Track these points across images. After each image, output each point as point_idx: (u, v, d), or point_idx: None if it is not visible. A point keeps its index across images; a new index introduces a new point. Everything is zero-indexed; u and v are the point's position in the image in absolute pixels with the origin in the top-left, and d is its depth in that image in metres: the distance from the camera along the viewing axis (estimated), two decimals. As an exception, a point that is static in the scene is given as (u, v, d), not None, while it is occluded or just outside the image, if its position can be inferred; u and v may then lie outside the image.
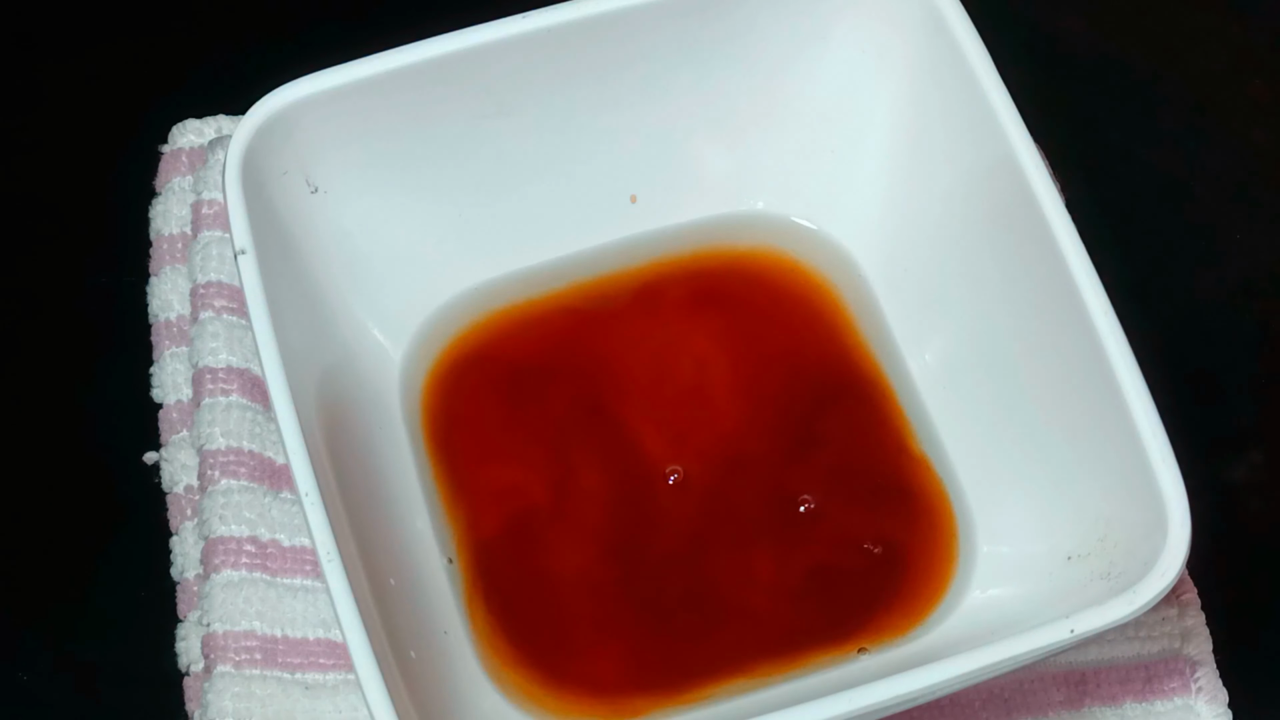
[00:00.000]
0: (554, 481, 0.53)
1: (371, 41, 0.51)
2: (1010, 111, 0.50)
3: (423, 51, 0.50)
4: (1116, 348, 0.47)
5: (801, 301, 0.56)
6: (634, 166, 0.55)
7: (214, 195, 0.57)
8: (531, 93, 0.53)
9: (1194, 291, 0.61)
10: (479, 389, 0.55)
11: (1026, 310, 0.50)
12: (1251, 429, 0.59)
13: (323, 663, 0.52)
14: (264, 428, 0.54)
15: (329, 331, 0.52)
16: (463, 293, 0.55)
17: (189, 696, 0.52)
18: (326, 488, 0.46)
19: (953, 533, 0.53)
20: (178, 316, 0.57)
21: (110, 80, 0.62)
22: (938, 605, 0.52)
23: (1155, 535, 0.45)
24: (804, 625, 0.52)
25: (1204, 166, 0.63)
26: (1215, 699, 0.53)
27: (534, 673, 0.51)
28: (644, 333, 0.56)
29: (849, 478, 0.54)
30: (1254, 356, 0.60)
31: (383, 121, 0.51)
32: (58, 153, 0.61)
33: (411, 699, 0.45)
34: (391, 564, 0.50)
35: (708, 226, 0.57)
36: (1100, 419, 0.47)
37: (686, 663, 0.51)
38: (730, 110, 0.55)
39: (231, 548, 0.53)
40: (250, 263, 0.47)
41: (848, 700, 0.43)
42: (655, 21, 0.52)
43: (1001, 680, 0.53)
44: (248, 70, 0.53)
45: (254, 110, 0.49)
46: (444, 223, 0.55)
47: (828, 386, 0.55)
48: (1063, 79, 0.64)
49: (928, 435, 0.54)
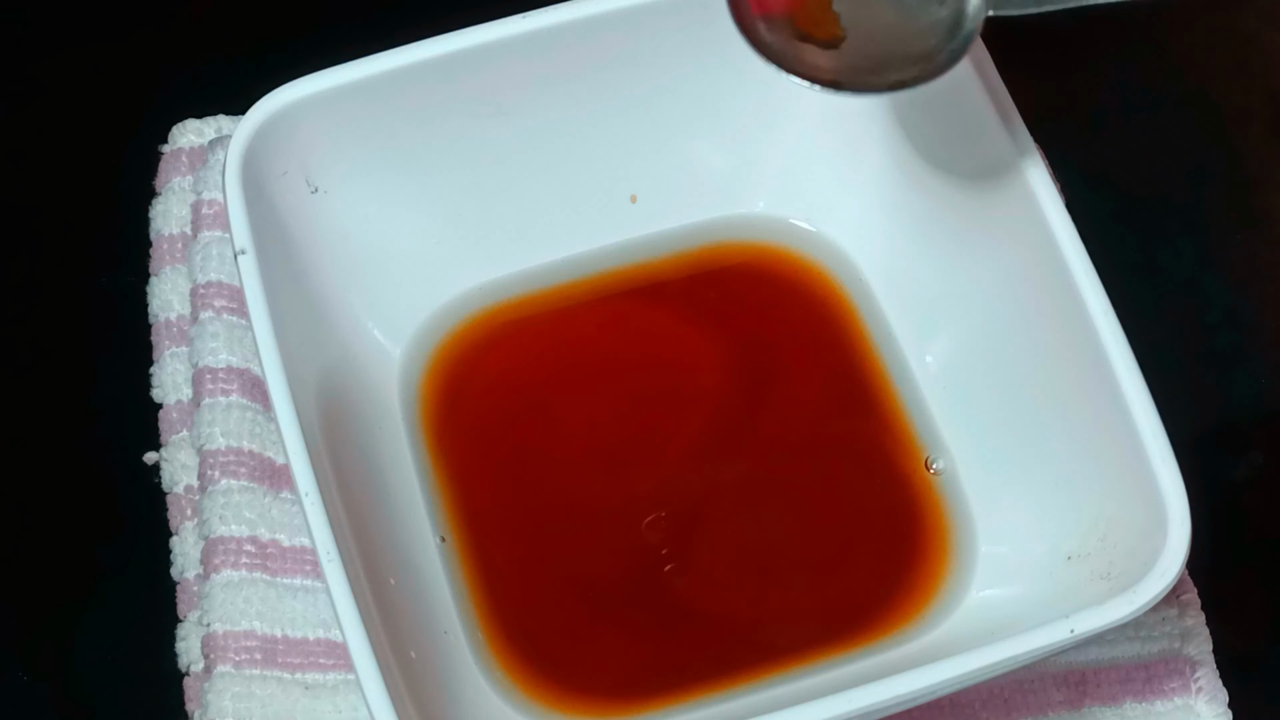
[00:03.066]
0: (554, 481, 0.54)
1: (371, 41, 0.51)
2: (1010, 111, 0.50)
3: (423, 51, 0.50)
4: (1116, 348, 0.47)
5: (802, 303, 0.56)
6: (634, 166, 0.55)
7: (214, 195, 0.57)
8: (531, 93, 0.53)
9: (1194, 292, 0.61)
10: (479, 389, 0.55)
11: (1026, 311, 0.50)
12: (1251, 429, 0.59)
13: (323, 663, 0.52)
14: (264, 428, 0.54)
15: (329, 331, 0.52)
16: (463, 293, 0.55)
17: (189, 696, 0.52)
18: (326, 488, 0.46)
19: (953, 533, 0.53)
20: (178, 316, 0.57)
21: (110, 80, 0.62)
22: (937, 605, 0.52)
23: (1155, 535, 0.45)
24: (804, 625, 0.52)
25: (1204, 166, 0.63)
26: (1215, 699, 0.53)
27: (534, 672, 0.51)
28: (643, 333, 0.56)
29: (849, 478, 0.54)
30: (1254, 357, 0.60)
31: (383, 121, 0.51)
32: (58, 152, 0.61)
33: (411, 699, 0.45)
34: (391, 564, 0.50)
35: (707, 227, 0.57)
36: (1100, 419, 0.47)
37: (686, 662, 0.51)
38: (730, 110, 0.55)
39: (231, 548, 0.53)
40: (250, 263, 0.48)
41: (847, 700, 0.43)
42: (655, 21, 0.52)
43: (1001, 680, 0.53)
44: (248, 70, 0.53)
45: (254, 110, 0.49)
46: (444, 223, 0.55)
47: (828, 387, 0.55)
48: (1063, 78, 0.64)
49: (928, 435, 0.54)
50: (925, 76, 0.45)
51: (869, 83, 0.45)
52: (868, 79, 0.45)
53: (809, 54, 0.45)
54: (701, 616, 0.52)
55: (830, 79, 0.44)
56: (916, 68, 0.45)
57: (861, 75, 0.45)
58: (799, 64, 0.45)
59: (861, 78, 0.45)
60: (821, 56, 0.45)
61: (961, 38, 0.45)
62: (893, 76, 0.45)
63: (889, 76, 0.45)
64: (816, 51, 0.45)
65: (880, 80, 0.45)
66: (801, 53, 0.45)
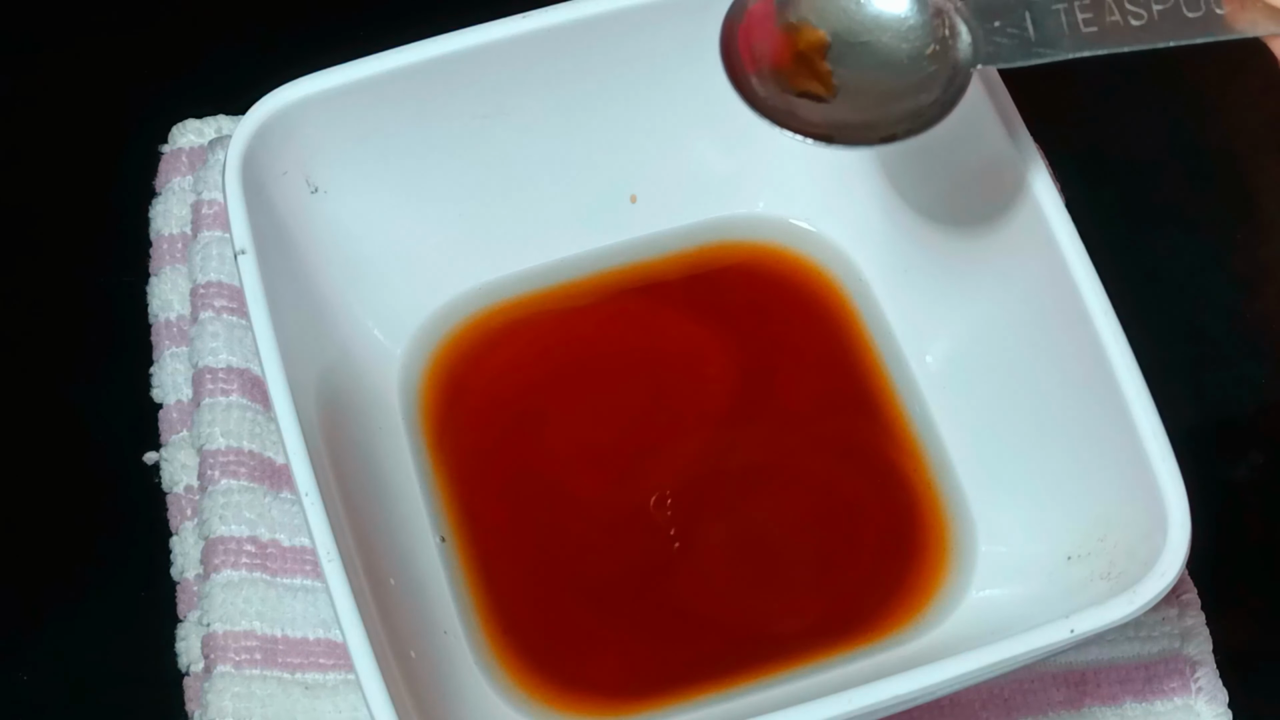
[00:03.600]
0: (554, 481, 0.54)
1: (371, 41, 0.51)
2: (1010, 111, 0.50)
3: (423, 51, 0.50)
4: (1116, 348, 0.47)
5: (801, 303, 0.56)
6: (634, 166, 0.55)
7: (214, 195, 0.57)
8: (531, 93, 0.53)
9: (1194, 292, 0.61)
10: (479, 389, 0.55)
11: (1026, 311, 0.50)
12: (1251, 429, 0.59)
13: (323, 663, 0.52)
14: (264, 428, 0.54)
15: (329, 331, 0.52)
16: (463, 293, 0.55)
17: (189, 696, 0.52)
18: (326, 488, 0.46)
19: (953, 533, 0.53)
20: (178, 316, 0.57)
21: (110, 80, 0.62)
22: (937, 605, 0.52)
23: (1155, 535, 0.45)
24: (804, 625, 0.52)
25: (1204, 166, 0.63)
26: (1215, 699, 0.53)
27: (534, 672, 0.51)
28: (643, 333, 0.56)
29: (850, 478, 0.54)
30: (1254, 357, 0.60)
31: (383, 122, 0.51)
32: (58, 152, 0.61)
33: (411, 699, 0.45)
34: (391, 564, 0.50)
35: (707, 227, 0.57)
36: (1100, 419, 0.47)
37: (686, 662, 0.51)
38: (730, 110, 0.55)
39: (231, 548, 0.53)
40: (250, 263, 0.48)
41: (847, 700, 0.43)
42: (655, 21, 0.52)
43: (1001, 680, 0.53)
44: (248, 70, 0.53)
45: (254, 110, 0.49)
46: (444, 223, 0.55)
47: (828, 387, 0.55)
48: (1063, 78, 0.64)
49: (928, 435, 0.54)
50: (916, 130, 0.46)
51: (860, 137, 0.46)
52: (859, 133, 0.46)
53: (801, 109, 0.46)
54: (701, 616, 0.52)
55: (823, 134, 0.46)
56: (907, 121, 0.46)
57: (853, 130, 0.46)
58: (792, 118, 0.46)
59: (853, 132, 0.46)
60: (814, 111, 0.46)
61: (952, 92, 0.46)
62: (884, 130, 0.46)
63: (880, 131, 0.46)
64: (809, 106, 0.46)
65: (871, 134, 0.46)
66: (794, 107, 0.46)
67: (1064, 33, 0.45)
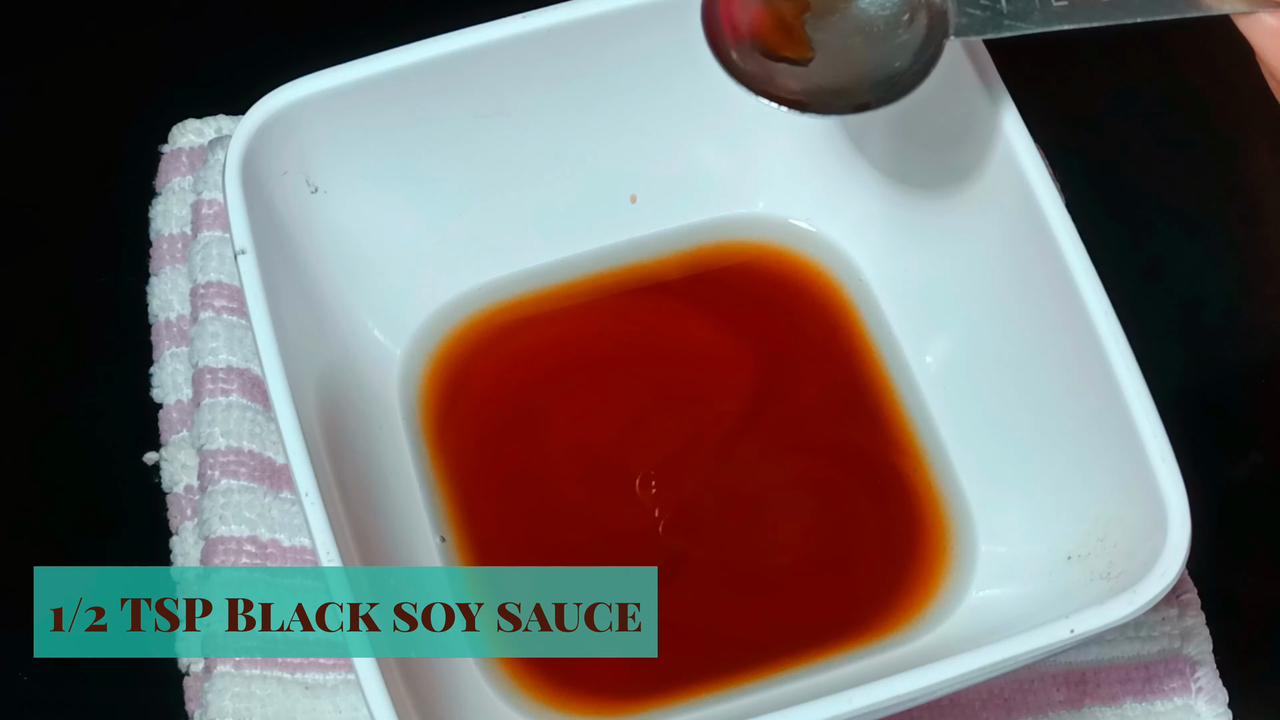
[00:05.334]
0: (554, 480, 0.54)
1: (371, 41, 0.51)
2: (1010, 111, 0.50)
3: (423, 51, 0.50)
4: (1116, 348, 0.47)
5: (802, 303, 0.56)
6: (634, 166, 0.55)
7: (214, 195, 0.57)
8: (531, 93, 0.53)
9: (1194, 291, 0.61)
10: (478, 389, 0.55)
11: (1026, 311, 0.50)
12: (1251, 429, 0.59)
13: (323, 663, 0.52)
14: (264, 428, 0.54)
15: (329, 331, 0.52)
16: (463, 293, 0.55)
17: (189, 696, 0.52)
18: (326, 488, 0.46)
19: (953, 533, 0.53)
20: (178, 316, 0.57)
21: (110, 80, 0.62)
22: (937, 605, 0.52)
23: (1155, 535, 0.45)
24: (804, 625, 0.52)
25: (1204, 166, 0.63)
26: (1215, 699, 0.53)
27: (534, 672, 0.51)
28: (643, 333, 0.56)
29: (849, 478, 0.54)
30: (1254, 357, 0.60)
31: (383, 122, 0.51)
32: (58, 152, 0.61)
33: (411, 699, 0.45)
34: (392, 563, 0.50)
35: (707, 227, 0.57)
36: (1100, 419, 0.47)
37: (686, 663, 0.51)
38: (730, 110, 0.55)
39: (231, 548, 0.53)
40: (250, 263, 0.48)
41: (847, 700, 0.43)
42: (655, 21, 0.52)
43: (1001, 680, 0.53)
44: (248, 70, 0.53)
45: (254, 110, 0.49)
46: (444, 222, 0.55)
47: (828, 387, 0.55)
48: (1062, 78, 0.64)
49: (929, 435, 0.54)
50: (888, 98, 0.46)
51: (834, 104, 0.47)
52: (833, 100, 0.47)
53: (779, 74, 0.47)
54: (701, 616, 0.52)
55: (797, 99, 0.46)
56: (880, 89, 0.46)
57: (827, 97, 0.47)
58: (770, 85, 0.46)
59: (827, 99, 0.47)
60: (790, 77, 0.47)
61: (924, 61, 0.46)
62: (857, 98, 0.47)
63: (853, 98, 0.47)
64: (787, 72, 0.47)
65: (845, 102, 0.47)
66: (772, 73, 0.47)
67: (1035, 6, 0.46)
